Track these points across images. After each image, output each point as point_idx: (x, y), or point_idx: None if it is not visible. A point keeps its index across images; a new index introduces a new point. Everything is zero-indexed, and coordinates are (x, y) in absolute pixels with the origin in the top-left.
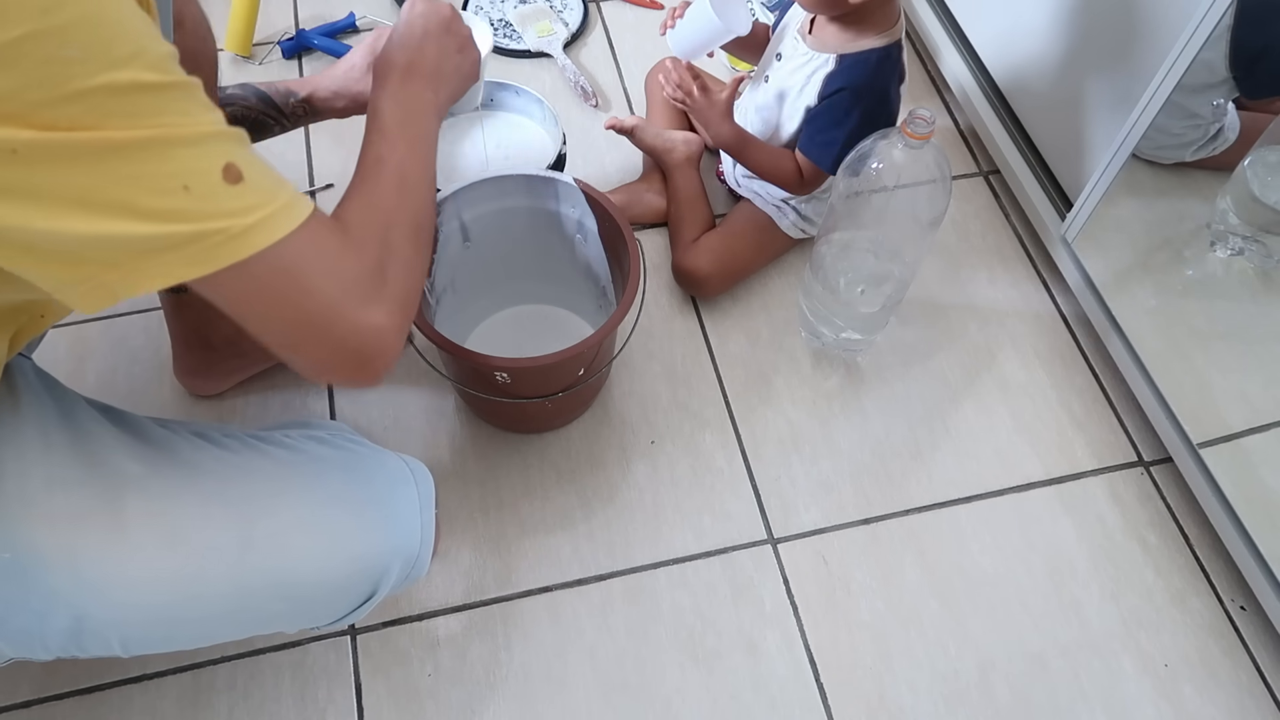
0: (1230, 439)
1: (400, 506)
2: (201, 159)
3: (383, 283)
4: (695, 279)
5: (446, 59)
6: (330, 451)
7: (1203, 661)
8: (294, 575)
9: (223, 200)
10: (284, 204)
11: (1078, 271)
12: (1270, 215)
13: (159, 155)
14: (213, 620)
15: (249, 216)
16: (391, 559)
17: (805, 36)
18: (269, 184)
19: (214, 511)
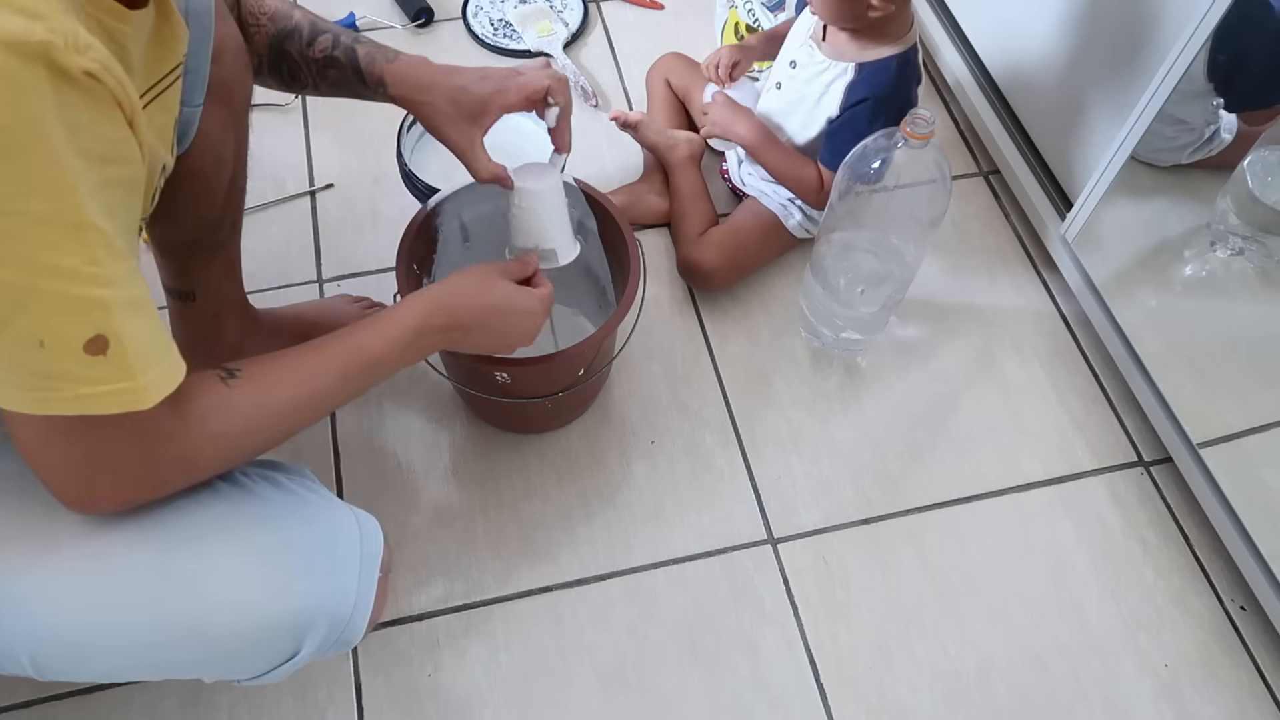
0: (1230, 439)
1: (336, 565)
2: (72, 325)
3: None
4: (702, 272)
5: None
6: (279, 495)
7: (1203, 661)
8: (209, 620)
9: (72, 366)
10: (129, 389)
11: (1078, 271)
12: (1270, 215)
13: (32, 310)
14: (126, 655)
15: (87, 388)
16: (316, 616)
17: (819, 44)
18: (134, 363)
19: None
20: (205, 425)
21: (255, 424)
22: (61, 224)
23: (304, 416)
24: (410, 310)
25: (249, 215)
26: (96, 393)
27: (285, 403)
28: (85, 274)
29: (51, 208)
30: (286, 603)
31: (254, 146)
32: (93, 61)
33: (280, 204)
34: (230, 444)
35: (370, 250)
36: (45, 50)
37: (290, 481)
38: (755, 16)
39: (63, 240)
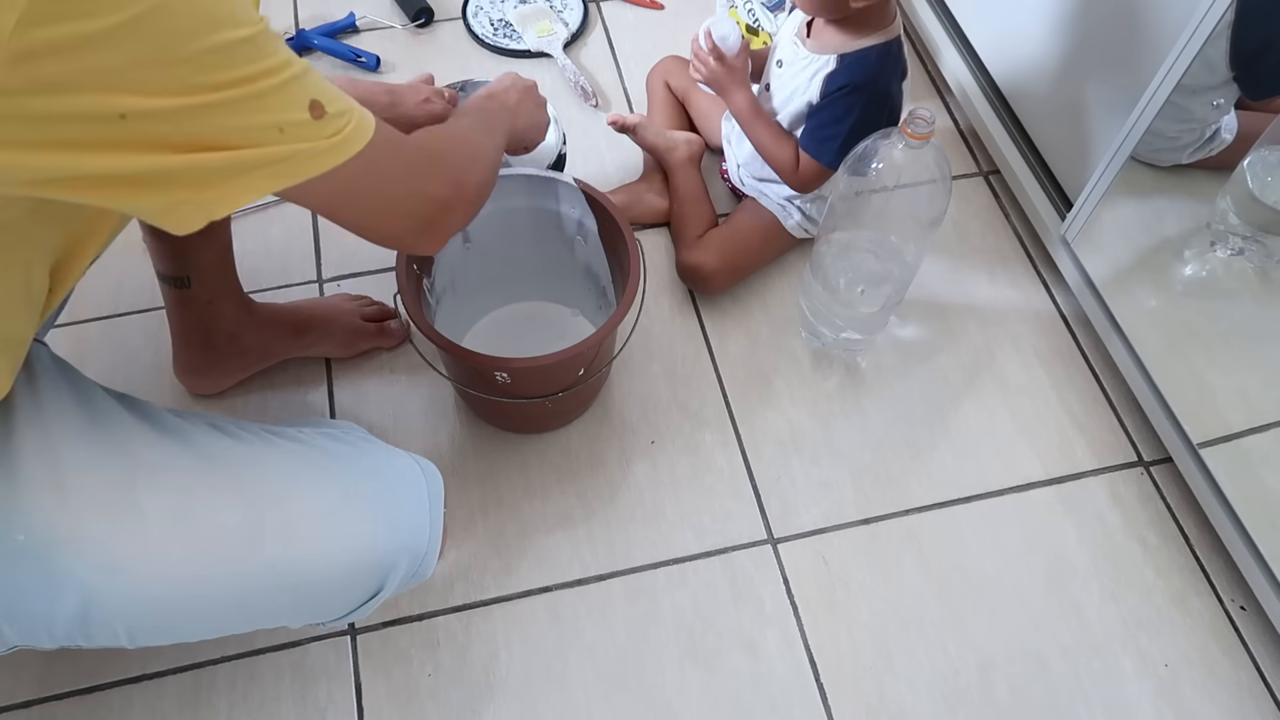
0: (1230, 439)
1: (409, 505)
2: (291, 104)
3: (441, 165)
4: (701, 275)
5: (524, 103)
6: (342, 448)
7: (1203, 661)
8: (302, 568)
9: (309, 133)
10: (356, 123)
11: (1078, 271)
12: (1270, 215)
13: (256, 107)
14: (219, 611)
15: (331, 139)
16: (399, 556)
17: (804, 40)
18: (343, 107)
19: (225, 500)
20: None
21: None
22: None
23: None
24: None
25: (249, 215)
26: (342, 138)
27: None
28: (278, 64)
29: (246, 31)
30: (372, 544)
31: None
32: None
33: (280, 204)
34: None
35: (370, 250)
36: None
37: (347, 435)
38: (755, 16)
39: (258, 50)
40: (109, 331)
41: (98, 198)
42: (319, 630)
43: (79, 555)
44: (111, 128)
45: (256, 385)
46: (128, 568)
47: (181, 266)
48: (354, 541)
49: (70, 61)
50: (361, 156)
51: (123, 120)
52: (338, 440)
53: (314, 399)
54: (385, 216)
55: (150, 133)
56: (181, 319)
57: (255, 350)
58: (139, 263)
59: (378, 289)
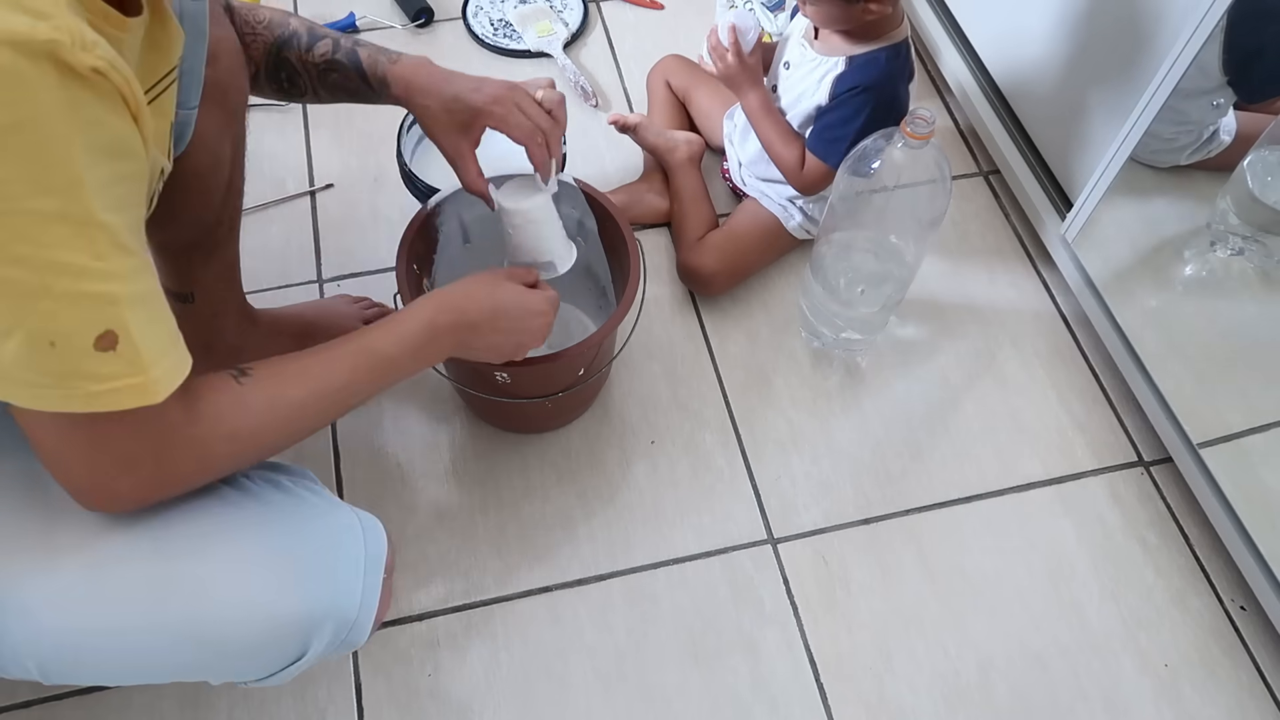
0: (1230, 439)
1: (341, 567)
2: (82, 322)
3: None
4: (701, 277)
5: (493, 330)
6: (282, 497)
7: (1203, 661)
8: (211, 625)
9: (83, 363)
10: (140, 383)
11: (1078, 271)
12: (1270, 215)
13: (41, 309)
14: (129, 661)
15: (98, 385)
16: (323, 621)
17: (811, 43)
18: (144, 357)
19: (143, 549)
20: (218, 424)
21: (267, 423)
22: (69, 221)
23: (315, 416)
24: (419, 310)
25: (249, 215)
26: (108, 389)
27: (297, 402)
28: (93, 270)
29: (59, 205)
30: (292, 606)
31: (253, 147)
32: (99, 59)
33: (280, 204)
34: (243, 442)
35: (370, 250)
36: (52, 48)
37: (293, 484)
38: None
39: (71, 237)
40: None
41: None
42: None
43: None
44: None
45: None
46: (36, 611)
47: (184, 283)
48: (272, 602)
49: None
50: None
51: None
52: (281, 489)
53: None
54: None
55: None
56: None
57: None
58: None
59: (378, 289)
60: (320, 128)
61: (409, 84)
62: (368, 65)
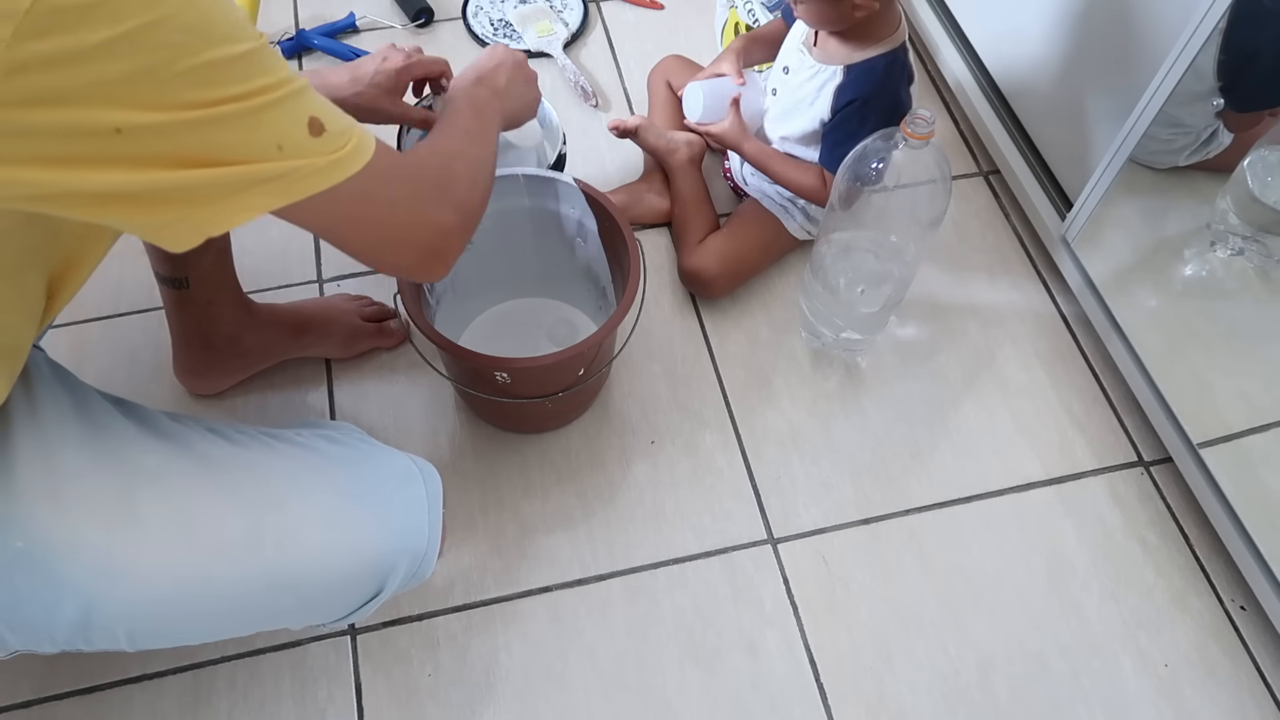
0: (1230, 439)
1: (408, 506)
2: (290, 120)
3: (446, 190)
4: (702, 280)
5: (514, 83)
6: (340, 450)
7: (1203, 661)
8: (301, 571)
9: (308, 150)
10: (356, 141)
11: (1078, 271)
12: (1270, 215)
13: (254, 123)
14: (219, 615)
15: (331, 156)
16: (398, 557)
17: (810, 49)
18: (343, 126)
19: (224, 505)
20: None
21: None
22: (251, 54)
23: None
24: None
25: None
26: (341, 155)
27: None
28: (276, 81)
29: (245, 47)
30: (372, 546)
31: None
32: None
33: None
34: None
35: None
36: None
37: (344, 437)
38: (755, 16)
39: (257, 65)
40: (109, 332)
41: (92, 214)
42: (319, 631)
43: (78, 561)
44: (107, 143)
45: (256, 386)
46: (127, 573)
47: (179, 268)
48: (352, 544)
49: (66, 75)
50: (361, 176)
51: (118, 135)
52: (335, 442)
53: (314, 399)
54: (389, 244)
55: (146, 148)
56: (180, 320)
57: (255, 351)
58: (139, 263)
59: (378, 289)
60: None
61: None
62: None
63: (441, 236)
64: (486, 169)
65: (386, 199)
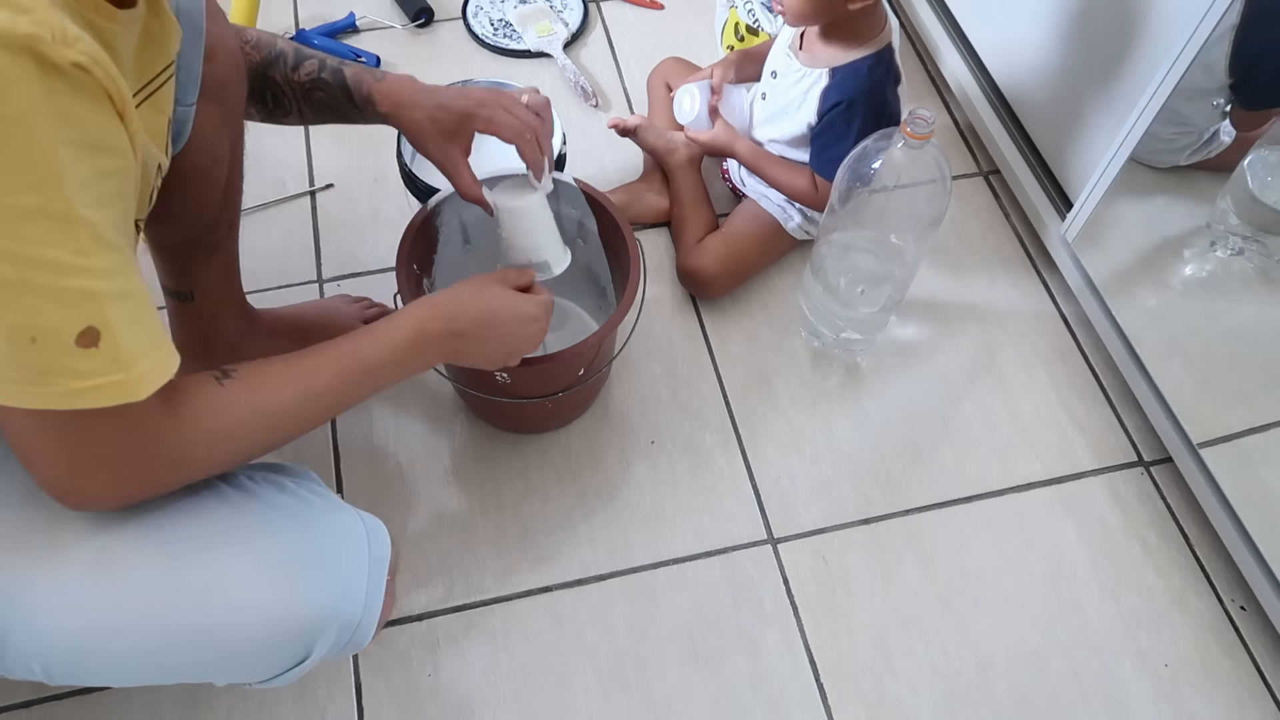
0: (1230, 439)
1: (345, 570)
2: (63, 319)
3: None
4: (701, 280)
5: (491, 342)
6: (286, 500)
7: (1203, 661)
8: (220, 629)
9: (64, 360)
10: (122, 380)
11: (1078, 272)
12: (1270, 215)
13: (21, 305)
14: (135, 660)
15: (80, 382)
16: (328, 623)
17: (797, 53)
18: (126, 355)
19: (149, 551)
20: (198, 423)
21: (249, 425)
22: (49, 216)
23: (299, 420)
24: (408, 317)
25: (249, 215)
26: (89, 386)
27: (279, 405)
28: (74, 266)
29: (39, 200)
30: (296, 609)
31: (253, 147)
32: (80, 54)
33: (280, 204)
34: (223, 444)
35: (370, 250)
36: (31, 43)
37: (296, 485)
38: (755, 16)
39: (51, 232)
40: None
41: None
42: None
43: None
44: None
45: None
46: (41, 611)
47: (184, 281)
48: (279, 604)
49: None
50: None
51: None
52: (284, 491)
53: None
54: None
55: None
56: (184, 331)
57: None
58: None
59: (378, 289)
60: (321, 128)
61: (394, 99)
62: (353, 83)
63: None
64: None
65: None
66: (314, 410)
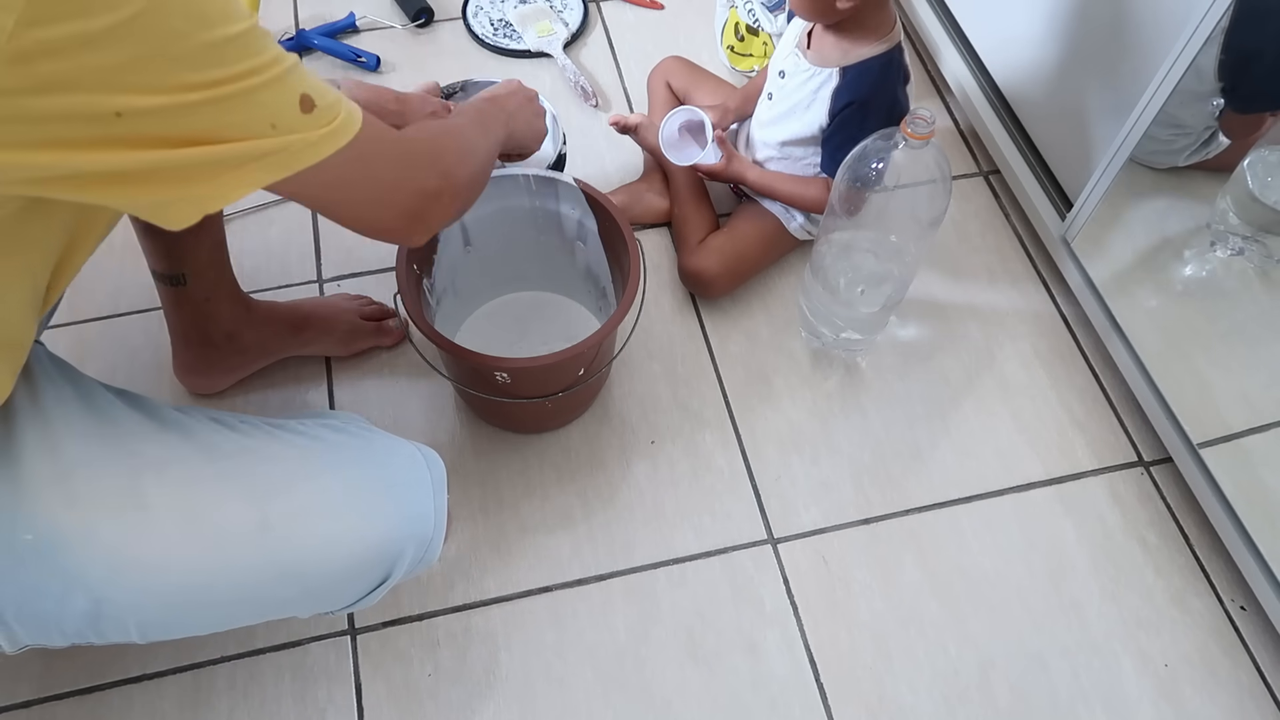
0: (1230, 439)
1: (413, 492)
2: (283, 98)
3: (431, 158)
4: (703, 280)
5: (522, 110)
6: (345, 438)
7: (1203, 661)
8: (309, 559)
9: (300, 125)
10: (345, 115)
11: (1078, 272)
12: (1270, 215)
13: (249, 103)
14: (229, 603)
15: (321, 130)
16: (405, 543)
17: (805, 52)
18: (331, 100)
19: (232, 494)
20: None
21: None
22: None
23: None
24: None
25: (249, 215)
26: (331, 129)
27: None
28: (267, 62)
29: (232, 30)
30: (378, 533)
31: None
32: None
33: (280, 204)
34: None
35: (370, 250)
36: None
37: (348, 425)
38: (755, 16)
39: (246, 48)
40: (108, 331)
41: (94, 195)
42: (321, 629)
43: (87, 553)
44: (108, 126)
45: (256, 384)
46: (136, 565)
47: (176, 264)
48: (359, 531)
49: (67, 61)
50: (351, 147)
51: (119, 118)
52: (339, 431)
53: (314, 397)
54: (373, 206)
55: (145, 130)
56: (179, 318)
57: (254, 348)
58: (138, 263)
59: (378, 289)
60: None
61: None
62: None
63: (421, 199)
64: (479, 155)
65: (370, 165)
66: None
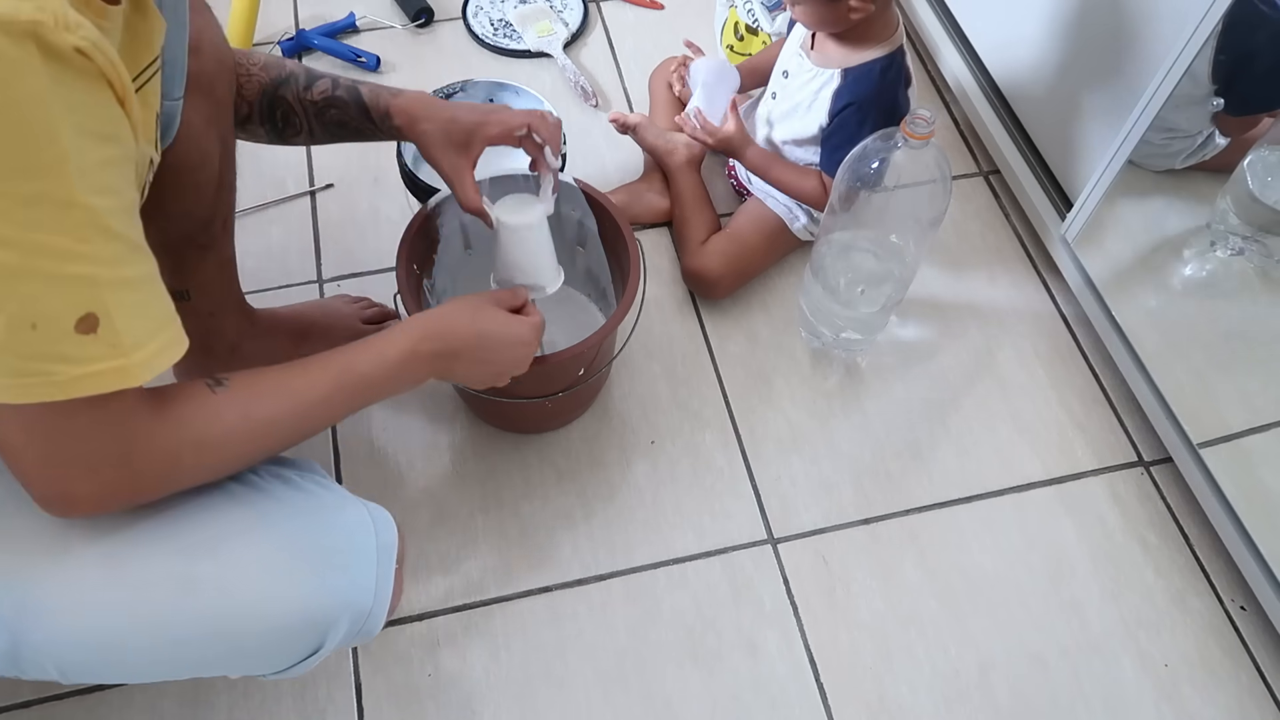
0: (1230, 439)
1: (355, 560)
2: (62, 304)
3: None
4: (706, 281)
5: (484, 364)
6: (292, 494)
7: (1203, 661)
8: (235, 621)
9: (63, 345)
10: (119, 366)
11: (1078, 271)
12: (1270, 215)
13: (23, 291)
14: (150, 657)
15: (77, 368)
16: (339, 614)
17: (808, 53)
18: (124, 341)
19: (159, 548)
20: (186, 429)
21: (239, 433)
22: (52, 203)
23: (289, 432)
24: (403, 336)
25: (249, 215)
26: (86, 373)
27: (269, 415)
28: (75, 252)
29: (42, 187)
30: (309, 600)
31: (254, 147)
32: (83, 39)
33: (280, 204)
34: (212, 452)
35: (370, 250)
36: (34, 28)
37: (300, 478)
38: (755, 16)
39: (53, 219)
40: None
41: None
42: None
43: (7, 595)
44: None
45: None
46: (55, 611)
47: (181, 280)
48: (291, 597)
49: None
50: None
51: None
52: (289, 484)
53: None
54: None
55: None
56: None
57: (256, 358)
58: None
59: (378, 289)
60: None
61: (411, 114)
62: (369, 99)
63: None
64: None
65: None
66: (304, 423)
